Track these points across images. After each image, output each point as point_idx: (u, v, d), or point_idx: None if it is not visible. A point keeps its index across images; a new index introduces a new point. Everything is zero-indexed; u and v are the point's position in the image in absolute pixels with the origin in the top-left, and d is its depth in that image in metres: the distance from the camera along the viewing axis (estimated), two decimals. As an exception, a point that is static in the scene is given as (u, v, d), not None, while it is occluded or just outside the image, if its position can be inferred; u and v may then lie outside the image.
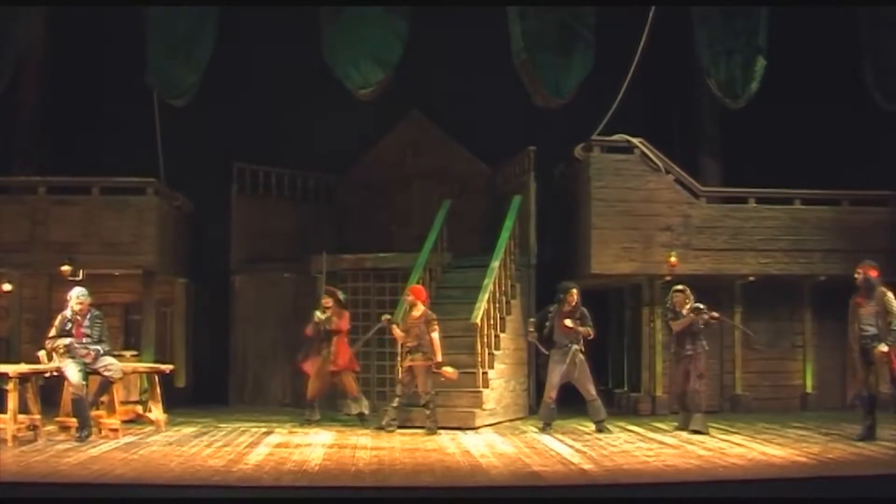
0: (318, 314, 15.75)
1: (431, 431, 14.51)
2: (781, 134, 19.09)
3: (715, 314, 15.25)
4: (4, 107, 18.49)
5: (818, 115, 18.75)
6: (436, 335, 14.90)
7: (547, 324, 15.05)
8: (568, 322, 14.86)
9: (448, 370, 14.90)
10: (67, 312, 13.78)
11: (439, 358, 14.83)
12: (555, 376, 14.96)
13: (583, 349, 15.05)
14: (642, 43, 17.60)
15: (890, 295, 13.54)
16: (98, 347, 13.86)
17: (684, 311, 15.17)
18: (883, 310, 13.60)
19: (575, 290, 15.06)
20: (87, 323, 13.83)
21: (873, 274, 13.82)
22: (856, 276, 14.01)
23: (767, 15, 18.11)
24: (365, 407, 15.69)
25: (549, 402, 14.94)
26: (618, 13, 17.88)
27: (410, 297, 15.28)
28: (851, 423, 15.39)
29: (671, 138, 19.56)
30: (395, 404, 15.00)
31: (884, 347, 13.64)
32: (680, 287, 15.46)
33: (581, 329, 14.97)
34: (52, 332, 13.77)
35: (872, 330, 13.70)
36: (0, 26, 17.86)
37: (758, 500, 10.21)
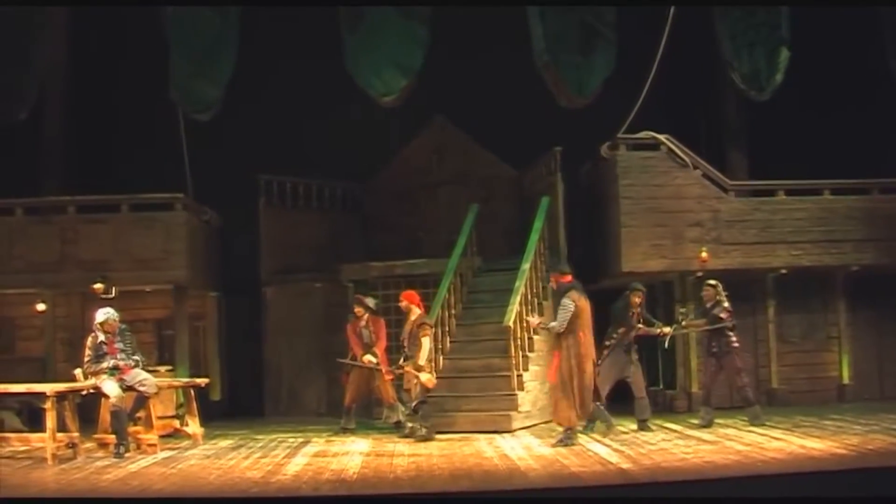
0: (371, 359, 15.61)
1: (425, 438, 14.33)
2: (808, 124, 18.99)
3: (665, 329, 15.55)
4: (30, 128, 18.61)
5: (845, 105, 18.67)
6: (426, 340, 14.73)
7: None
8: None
9: (424, 377, 14.59)
10: (100, 336, 13.80)
11: (421, 361, 14.62)
12: (613, 373, 14.99)
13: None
14: (664, 39, 17.57)
15: (567, 299, 13.35)
16: (137, 358, 13.96)
17: (709, 306, 15.31)
18: None
19: (639, 293, 15.13)
20: (118, 339, 13.88)
21: (565, 280, 13.76)
22: (551, 284, 13.99)
23: (789, 7, 18.06)
24: (402, 414, 15.68)
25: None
26: (638, 10, 17.85)
27: (404, 303, 15.22)
28: (890, 413, 15.33)
29: (697, 133, 19.50)
30: (417, 413, 14.89)
31: (535, 319, 14.64)
32: (712, 282, 15.49)
33: (656, 331, 15.37)
34: (88, 356, 13.80)
35: None
36: (22, 48, 18.00)
37: (798, 494, 10.15)
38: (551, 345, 13.85)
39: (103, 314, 13.90)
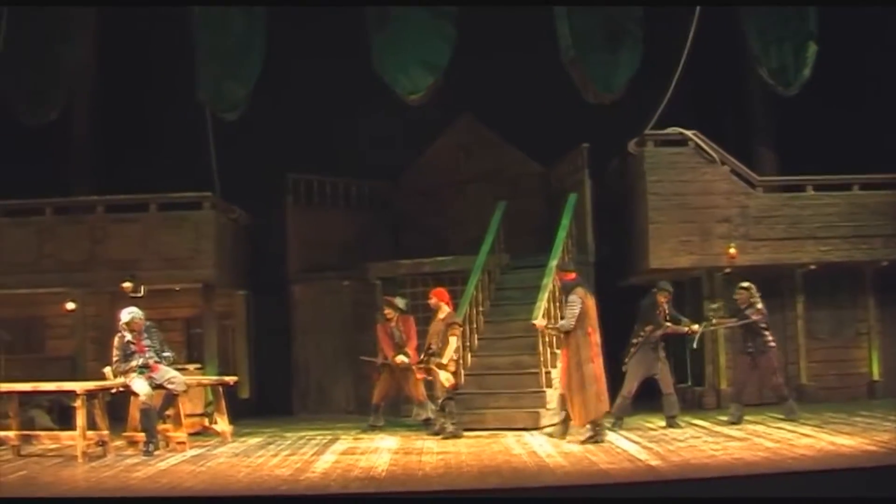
0: (404, 359, 15.64)
1: (453, 435, 14.31)
2: (836, 119, 18.87)
3: (694, 327, 15.41)
4: (60, 129, 18.71)
5: (873, 99, 18.53)
6: (454, 339, 14.68)
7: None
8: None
9: (442, 375, 14.56)
10: (127, 335, 13.85)
11: (444, 359, 14.60)
12: (641, 370, 14.95)
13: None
14: (691, 35, 17.51)
15: (573, 296, 13.45)
16: (168, 355, 14.07)
17: (742, 307, 15.27)
18: None
19: (665, 293, 15.07)
20: (145, 336, 13.95)
21: (569, 278, 13.80)
22: (555, 284, 14.17)
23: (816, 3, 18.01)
24: (431, 412, 15.67)
25: (627, 397, 14.90)
26: (665, 6, 17.80)
27: (433, 300, 15.22)
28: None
29: (724, 129, 19.42)
30: (444, 410, 14.88)
31: (541, 321, 14.67)
32: (745, 284, 15.41)
33: (684, 329, 15.27)
34: (117, 356, 13.86)
35: None
36: (52, 50, 18.11)
37: (828, 491, 10.11)
38: (559, 344, 13.84)
39: (128, 314, 13.97)
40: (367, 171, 20.85)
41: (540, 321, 14.52)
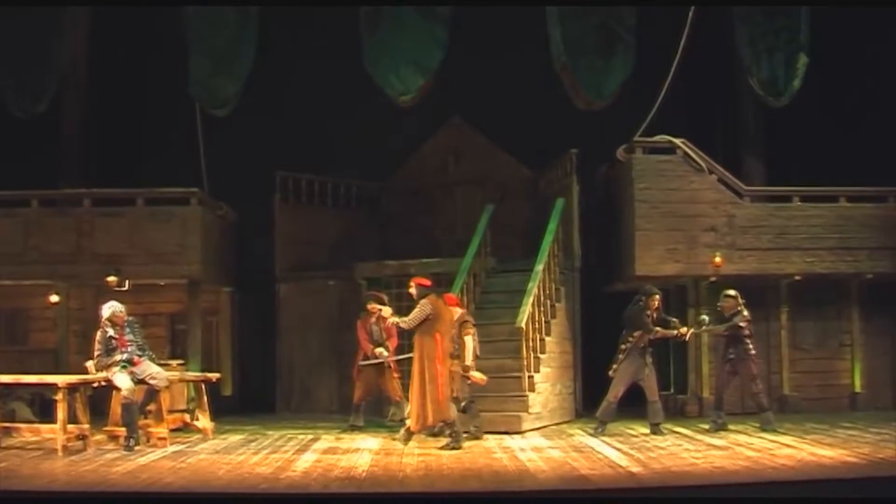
0: (383, 351, 15.74)
1: (475, 437, 14.36)
2: (826, 131, 18.94)
3: (683, 330, 15.33)
4: (49, 121, 18.68)
5: (862, 111, 18.61)
6: (468, 339, 14.66)
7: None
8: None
9: (476, 375, 14.52)
10: (109, 330, 13.80)
11: (468, 362, 14.61)
12: (628, 376, 14.94)
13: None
14: (682, 43, 17.54)
15: (424, 300, 13.50)
16: (149, 354, 14.01)
17: (728, 315, 15.26)
18: None
19: (655, 297, 15.01)
20: (127, 330, 13.91)
21: (424, 284, 13.85)
22: (409, 289, 14.09)
23: (808, 11, 18.01)
24: (406, 412, 15.66)
25: (612, 402, 14.90)
26: (658, 13, 17.83)
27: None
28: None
29: (713, 138, 19.48)
30: (466, 413, 14.81)
31: (386, 310, 14.16)
32: (731, 292, 15.42)
33: (674, 332, 15.14)
34: (98, 350, 13.80)
35: None
36: (43, 43, 18.09)
37: (808, 501, 10.12)
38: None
39: (108, 308, 13.90)
40: (356, 171, 20.84)
41: (386, 310, 14.48)
